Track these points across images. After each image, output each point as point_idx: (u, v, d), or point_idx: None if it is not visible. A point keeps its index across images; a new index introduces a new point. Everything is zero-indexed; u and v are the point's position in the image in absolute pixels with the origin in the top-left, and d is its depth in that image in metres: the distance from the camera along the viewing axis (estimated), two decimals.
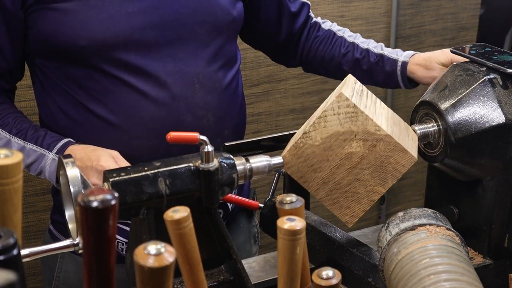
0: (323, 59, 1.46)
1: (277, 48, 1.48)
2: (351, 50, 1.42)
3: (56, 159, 1.16)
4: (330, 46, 1.45)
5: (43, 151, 1.18)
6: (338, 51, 1.43)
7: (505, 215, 1.04)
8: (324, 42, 1.45)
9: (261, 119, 2.26)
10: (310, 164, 0.96)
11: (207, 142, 0.89)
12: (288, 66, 1.56)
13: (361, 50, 1.41)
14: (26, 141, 1.19)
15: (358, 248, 1.03)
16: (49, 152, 1.18)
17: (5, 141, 1.20)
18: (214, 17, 1.26)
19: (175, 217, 0.70)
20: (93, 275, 0.55)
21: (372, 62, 1.39)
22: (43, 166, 1.18)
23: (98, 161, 1.09)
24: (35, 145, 1.19)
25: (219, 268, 0.97)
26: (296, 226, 0.67)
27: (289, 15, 1.44)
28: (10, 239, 0.53)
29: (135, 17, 1.18)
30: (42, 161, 1.18)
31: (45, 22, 1.16)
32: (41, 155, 1.18)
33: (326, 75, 1.50)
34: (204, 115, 1.25)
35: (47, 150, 1.18)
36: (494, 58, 1.05)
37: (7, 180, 0.57)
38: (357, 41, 1.43)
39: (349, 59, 1.42)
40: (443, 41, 2.53)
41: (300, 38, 1.47)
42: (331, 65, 1.45)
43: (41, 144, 1.19)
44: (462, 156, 1.01)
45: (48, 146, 1.18)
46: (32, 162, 1.19)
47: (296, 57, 1.50)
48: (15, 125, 1.22)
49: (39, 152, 1.18)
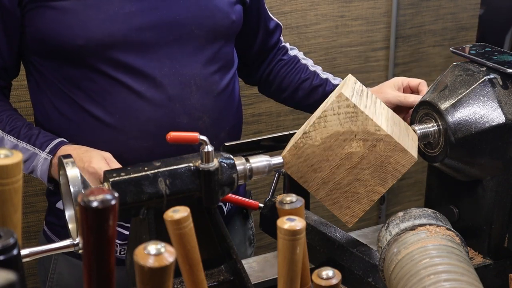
0: (281, 82, 1.48)
1: (244, 60, 1.48)
2: (311, 77, 1.45)
3: (48, 158, 1.16)
4: (292, 70, 1.47)
5: (35, 150, 1.18)
6: (299, 76, 1.46)
7: (505, 215, 1.04)
8: (287, 66, 1.48)
9: (261, 119, 2.26)
10: (310, 164, 0.96)
11: (207, 142, 0.89)
12: (246, 82, 1.57)
13: (321, 78, 1.44)
14: (19, 140, 1.19)
15: (358, 248, 1.03)
16: (42, 152, 1.17)
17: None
18: (212, 19, 1.25)
19: (175, 217, 0.70)
20: (93, 275, 0.55)
21: (327, 91, 1.41)
22: (35, 165, 1.18)
23: (90, 163, 1.09)
24: (27, 144, 1.18)
25: (219, 268, 0.97)
26: (296, 226, 0.67)
27: (266, 31, 1.46)
28: (10, 239, 0.53)
29: (133, 18, 1.18)
30: (34, 160, 1.18)
31: (43, 21, 1.16)
32: (34, 154, 1.18)
33: (278, 99, 1.52)
34: (200, 117, 1.25)
35: (40, 150, 1.17)
36: (494, 58, 1.05)
37: (7, 180, 0.57)
38: (318, 70, 1.46)
39: (306, 86, 1.44)
40: (443, 41, 2.53)
41: (267, 57, 1.49)
42: (288, 90, 1.47)
43: (33, 143, 1.18)
44: (462, 156, 1.01)
45: (41, 145, 1.18)
46: (24, 161, 1.19)
47: (256, 75, 1.51)
48: (8, 122, 1.21)
49: (32, 151, 1.18)
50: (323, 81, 1.43)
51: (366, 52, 2.35)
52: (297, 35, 2.23)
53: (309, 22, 2.24)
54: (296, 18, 2.21)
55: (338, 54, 2.30)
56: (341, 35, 2.31)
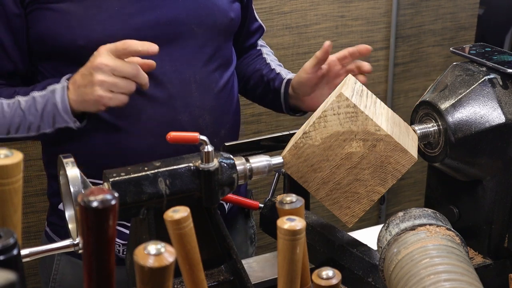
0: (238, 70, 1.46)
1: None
2: (263, 67, 1.43)
3: (65, 85, 1.14)
4: (250, 61, 1.47)
5: (50, 87, 1.15)
6: (253, 67, 1.45)
7: (505, 215, 1.04)
8: (248, 57, 1.47)
9: (261, 119, 2.27)
10: (310, 164, 0.96)
11: (207, 142, 0.89)
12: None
13: (270, 69, 1.42)
14: (34, 91, 1.17)
15: (358, 248, 1.03)
16: (57, 84, 1.15)
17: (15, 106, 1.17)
18: (211, 18, 1.26)
19: (175, 217, 0.70)
20: (93, 275, 0.55)
21: (270, 78, 1.40)
22: (54, 102, 1.14)
23: (98, 50, 1.09)
24: (41, 90, 1.16)
25: (219, 268, 0.97)
26: (296, 226, 0.67)
27: (246, 32, 1.46)
28: (10, 239, 0.53)
29: (133, 17, 1.18)
30: (52, 98, 1.15)
31: (43, 23, 1.16)
32: (50, 93, 1.15)
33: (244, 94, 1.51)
34: (201, 114, 1.25)
35: (54, 84, 1.15)
36: (494, 58, 1.05)
37: (7, 180, 0.57)
38: (273, 64, 1.44)
39: (258, 75, 1.43)
40: (443, 41, 2.53)
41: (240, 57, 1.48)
42: (243, 77, 1.46)
43: (48, 84, 1.16)
44: (462, 156, 1.01)
45: (53, 81, 1.16)
46: (42, 109, 1.16)
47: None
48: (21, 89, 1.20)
49: (48, 92, 1.15)
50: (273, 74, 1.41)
51: None
52: (297, 35, 2.23)
53: (309, 22, 2.24)
54: (296, 18, 2.21)
55: None
56: (341, 35, 2.32)
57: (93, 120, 1.21)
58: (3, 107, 1.17)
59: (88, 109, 1.14)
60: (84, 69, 1.12)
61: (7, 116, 1.17)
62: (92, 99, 1.11)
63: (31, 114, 1.16)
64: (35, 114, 1.16)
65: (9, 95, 1.19)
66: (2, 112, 1.17)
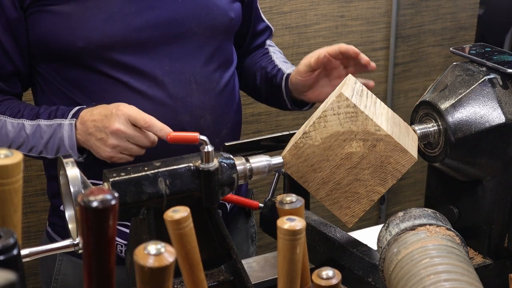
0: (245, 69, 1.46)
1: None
2: (268, 65, 1.42)
3: (72, 123, 1.14)
4: (256, 59, 1.45)
5: (57, 121, 1.16)
6: (259, 65, 1.44)
7: (505, 215, 1.04)
8: (254, 56, 1.47)
9: (261, 119, 2.26)
10: (310, 164, 0.96)
11: (207, 142, 0.89)
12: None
13: (273, 65, 1.41)
14: (40, 119, 1.17)
15: (358, 248, 1.03)
16: (64, 120, 1.15)
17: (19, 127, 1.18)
18: (211, 17, 1.26)
19: (175, 217, 0.70)
20: (93, 275, 0.55)
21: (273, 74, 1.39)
22: (61, 136, 1.15)
23: (118, 108, 1.09)
24: (48, 120, 1.16)
25: (219, 268, 0.97)
26: (296, 226, 0.67)
27: (252, 33, 1.46)
28: (10, 239, 0.53)
29: (132, 18, 1.18)
30: (59, 132, 1.15)
31: (42, 24, 1.16)
32: (58, 126, 1.15)
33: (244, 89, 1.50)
34: (202, 114, 1.25)
35: (62, 118, 1.15)
36: (494, 58, 1.05)
37: (7, 180, 0.57)
38: (277, 60, 1.42)
39: (263, 73, 1.42)
40: (443, 41, 2.53)
41: (247, 57, 1.48)
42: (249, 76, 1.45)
43: (54, 116, 1.16)
44: (462, 156, 1.01)
45: (63, 115, 1.16)
46: (48, 139, 1.16)
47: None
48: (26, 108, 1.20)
49: (54, 123, 1.16)
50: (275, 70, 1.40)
51: (366, 52, 2.35)
52: (297, 35, 2.23)
53: (309, 22, 2.24)
54: (296, 18, 2.21)
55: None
56: (341, 35, 2.31)
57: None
58: (7, 126, 1.18)
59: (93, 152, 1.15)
60: (99, 123, 1.10)
61: (10, 135, 1.18)
62: (101, 155, 1.12)
63: (35, 140, 1.17)
64: (39, 140, 1.17)
65: (14, 114, 1.19)
66: (6, 130, 1.18)
